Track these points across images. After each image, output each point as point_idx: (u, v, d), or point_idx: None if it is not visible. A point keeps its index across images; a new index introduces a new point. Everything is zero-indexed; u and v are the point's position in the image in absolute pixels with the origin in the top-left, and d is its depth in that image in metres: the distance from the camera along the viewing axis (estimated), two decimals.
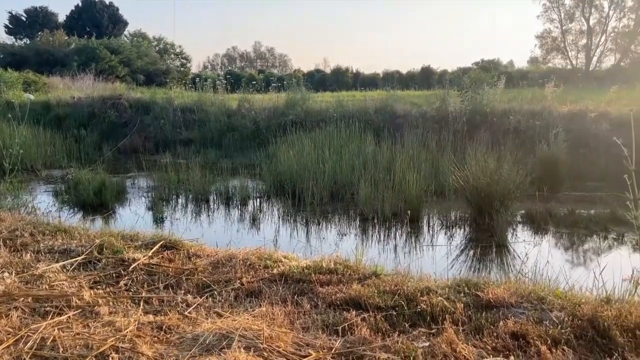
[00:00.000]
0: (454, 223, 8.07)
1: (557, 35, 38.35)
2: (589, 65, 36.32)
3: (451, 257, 6.59)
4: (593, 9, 36.83)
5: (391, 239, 7.32)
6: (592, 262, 6.15)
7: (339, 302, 3.08)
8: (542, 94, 14.02)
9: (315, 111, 14.70)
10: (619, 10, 36.52)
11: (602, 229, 7.34)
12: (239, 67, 61.68)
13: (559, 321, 2.76)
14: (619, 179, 4.00)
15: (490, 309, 2.99)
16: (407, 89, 23.44)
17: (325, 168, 9.37)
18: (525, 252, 6.52)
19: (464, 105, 13.16)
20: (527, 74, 26.80)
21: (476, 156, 8.40)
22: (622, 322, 2.68)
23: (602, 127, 11.22)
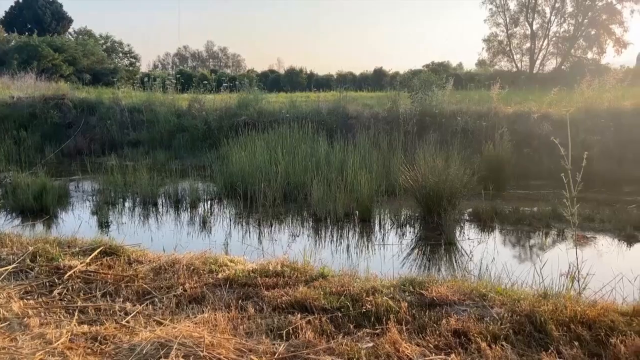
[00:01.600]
0: (404, 222, 8.18)
1: (503, 39, 39.77)
2: (532, 68, 37.85)
3: (402, 255, 6.67)
4: (536, 14, 38.43)
5: (344, 239, 7.34)
6: (534, 259, 6.37)
7: (284, 306, 3.03)
8: (488, 95, 14.45)
9: (269, 112, 14.59)
10: (559, 15, 38.27)
11: (545, 225, 7.61)
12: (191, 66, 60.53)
13: (499, 317, 2.82)
14: (560, 177, 4.16)
15: (434, 307, 3.03)
16: (360, 91, 23.65)
17: (278, 169, 9.30)
18: (472, 250, 6.69)
19: (414, 107, 13.40)
20: (475, 76, 27.62)
21: (425, 156, 8.55)
22: (557, 317, 2.77)
23: (544, 128, 11.69)
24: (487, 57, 40.85)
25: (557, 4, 37.72)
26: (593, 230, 7.37)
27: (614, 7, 36.75)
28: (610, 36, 37.32)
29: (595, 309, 2.82)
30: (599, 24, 37.11)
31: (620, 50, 37.31)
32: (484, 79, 21.72)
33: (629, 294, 3.86)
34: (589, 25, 37.35)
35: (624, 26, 36.93)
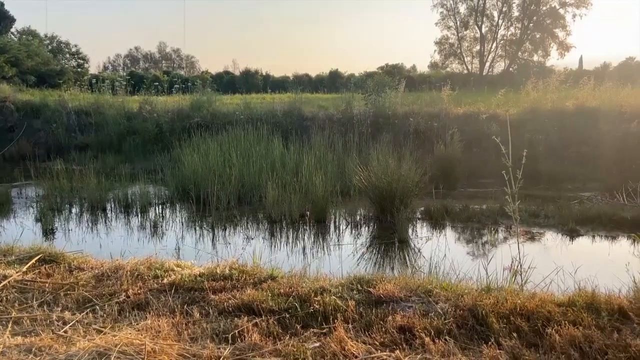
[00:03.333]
0: (359, 222, 8.26)
1: (454, 41, 40.88)
2: (482, 70, 39.07)
3: (357, 255, 6.72)
4: (485, 18, 39.71)
5: (299, 241, 7.34)
6: (481, 254, 6.56)
7: (231, 309, 2.99)
8: (439, 97, 14.81)
9: (223, 114, 14.42)
10: (507, 19, 39.68)
11: (493, 222, 7.85)
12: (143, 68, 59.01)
13: (443, 312, 2.88)
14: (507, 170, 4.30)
15: (381, 304, 3.06)
16: (316, 92, 23.74)
17: (232, 171, 9.19)
18: (423, 247, 6.83)
19: (368, 108, 13.57)
20: (427, 78, 28.25)
21: (378, 157, 8.67)
22: (498, 309, 2.85)
23: (492, 128, 12.07)
24: (439, 59, 41.90)
25: (505, 8, 39.12)
26: (538, 225, 7.66)
27: (558, 12, 38.43)
28: (554, 39, 39.00)
29: (534, 301, 2.92)
30: (543, 28, 38.71)
31: (564, 53, 39.07)
32: (436, 81, 22.24)
33: (568, 286, 4.02)
34: (534, 29, 38.89)
35: (567, 30, 38.69)
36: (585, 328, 2.62)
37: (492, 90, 16.95)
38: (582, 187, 10.24)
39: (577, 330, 2.59)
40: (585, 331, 2.58)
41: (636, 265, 4.22)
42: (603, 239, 7.12)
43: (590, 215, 7.73)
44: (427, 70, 40.56)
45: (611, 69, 31.95)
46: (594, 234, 7.27)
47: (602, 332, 2.60)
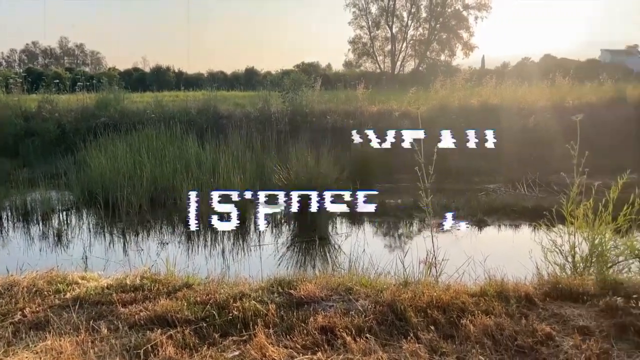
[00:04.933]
0: (279, 221, 8.18)
1: (367, 41, 41.99)
2: (394, 69, 40.50)
3: (278, 255, 6.66)
4: (395, 18, 41.17)
5: (218, 243, 7.13)
6: (398, 248, 6.75)
7: (143, 322, 2.80)
8: (354, 95, 15.09)
9: (132, 112, 13.69)
10: (415, 20, 41.42)
11: (408, 215, 8.12)
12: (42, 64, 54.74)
13: (364, 309, 2.89)
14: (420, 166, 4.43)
15: (302, 306, 3.01)
16: (232, 90, 23.30)
17: (144, 173, 8.73)
18: (343, 243, 6.91)
19: (285, 106, 13.52)
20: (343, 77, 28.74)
21: (297, 155, 8.65)
22: (416, 303, 2.91)
23: (404, 124, 12.49)
24: (353, 58, 42.80)
25: (413, 9, 40.78)
26: None
27: (461, 14, 40.73)
28: (459, 40, 41.30)
29: (449, 293, 3.02)
30: (449, 29, 40.84)
31: (468, 53, 41.50)
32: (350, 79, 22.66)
33: (479, 275, 4.22)
34: (441, 29, 40.93)
35: (470, 31, 41.12)
36: (496, 316, 2.75)
37: (404, 89, 17.57)
38: (487, 179, 10.88)
39: (490, 319, 2.70)
40: (497, 319, 2.70)
41: (538, 252, 4.51)
42: (508, 228, 7.61)
43: (495, 206, 8.24)
44: (342, 69, 41.33)
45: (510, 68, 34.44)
46: (500, 224, 7.75)
47: (511, 319, 2.73)
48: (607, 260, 4.13)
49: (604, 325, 2.68)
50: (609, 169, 10.25)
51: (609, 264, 4.10)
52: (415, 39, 41.67)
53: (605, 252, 4.16)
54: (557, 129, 11.13)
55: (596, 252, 4.18)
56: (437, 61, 40.60)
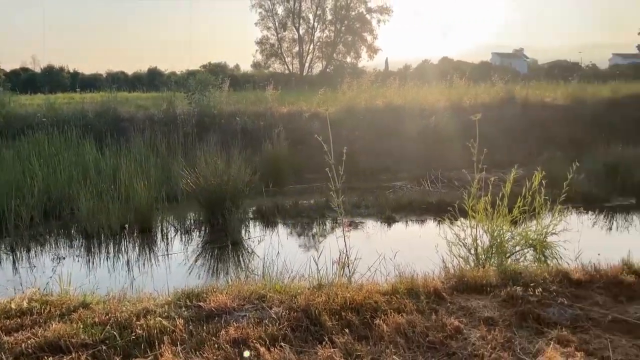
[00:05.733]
0: (189, 228, 7.87)
1: (274, 42, 41.97)
2: (302, 70, 40.86)
3: (188, 263, 6.38)
4: (302, 20, 41.56)
5: (122, 255, 6.70)
6: (312, 249, 6.74)
7: (31, 350, 2.50)
8: (264, 96, 14.97)
9: (20, 116, 12.51)
10: (321, 22, 42.10)
11: (321, 215, 8.16)
12: None
13: (277, 317, 2.80)
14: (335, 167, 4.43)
15: (213, 318, 2.87)
16: (134, 91, 22.15)
17: (35, 182, 7.98)
18: (257, 248, 6.77)
19: (192, 108, 13.07)
20: (251, 78, 28.46)
21: (206, 158, 8.37)
22: (330, 306, 2.88)
23: (315, 125, 12.59)
24: (261, 59, 42.58)
25: (319, 12, 41.40)
26: (361, 215, 8.19)
27: (365, 17, 42.03)
28: (364, 43, 42.59)
29: (362, 293, 3.02)
30: (354, 31, 41.98)
31: (373, 55, 42.96)
32: (259, 80, 22.49)
33: (390, 271, 4.30)
34: (346, 32, 41.94)
35: (374, 34, 42.58)
36: (408, 314, 2.79)
37: (313, 90, 17.74)
38: (394, 177, 11.27)
39: (402, 317, 2.74)
40: (408, 317, 2.74)
41: (444, 247, 4.70)
42: (415, 223, 7.91)
43: (403, 202, 8.53)
44: (250, 70, 40.95)
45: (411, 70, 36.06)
46: (407, 219, 8.03)
47: (422, 316, 2.79)
48: (506, 250, 4.40)
49: (506, 315, 2.82)
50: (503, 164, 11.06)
51: (507, 254, 4.37)
52: (322, 40, 42.37)
53: (504, 243, 4.44)
54: (456, 128, 11.80)
55: (495, 243, 4.44)
56: (344, 63, 41.59)
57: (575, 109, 14.37)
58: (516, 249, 4.50)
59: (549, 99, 15.00)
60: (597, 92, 15.87)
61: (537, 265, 4.10)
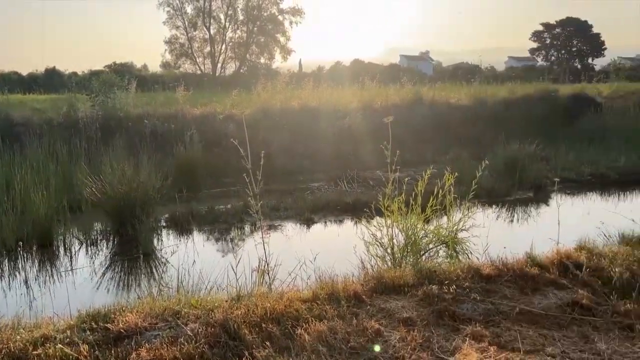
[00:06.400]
0: (95, 240, 7.35)
1: (184, 41, 40.65)
2: (215, 71, 39.96)
3: (95, 278, 5.94)
4: (212, 20, 40.61)
5: (19, 273, 6.10)
6: (231, 257, 6.54)
7: None
8: (175, 97, 14.43)
9: None
10: (233, 22, 41.42)
11: (239, 220, 7.97)
12: None
13: (194, 334, 2.65)
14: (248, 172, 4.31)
15: (122, 341, 2.65)
16: (29, 93, 20.41)
17: None
18: (171, 258, 6.46)
19: (96, 110, 12.27)
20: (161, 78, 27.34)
21: (112, 164, 7.87)
22: (250, 318, 2.78)
23: (230, 127, 12.33)
24: (170, 59, 41.08)
25: (230, 12, 40.72)
26: (280, 218, 8.11)
27: (277, 18, 41.96)
28: (277, 44, 42.50)
29: (283, 302, 2.95)
30: (267, 32, 41.77)
31: (286, 57, 42.98)
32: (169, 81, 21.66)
33: (310, 275, 4.27)
34: (258, 33, 41.62)
35: (287, 35, 42.62)
36: (329, 320, 2.76)
37: (226, 91, 17.38)
38: (311, 178, 11.31)
39: (323, 324, 2.70)
40: (330, 323, 2.71)
41: (362, 247, 4.76)
42: (333, 224, 7.98)
43: (320, 203, 8.58)
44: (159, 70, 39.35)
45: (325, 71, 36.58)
46: (326, 220, 8.08)
47: (343, 321, 2.77)
48: (420, 248, 4.54)
49: (424, 314, 2.88)
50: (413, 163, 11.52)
51: (422, 252, 4.50)
52: (235, 41, 41.71)
53: (418, 241, 4.57)
54: (369, 128, 12.10)
55: (410, 242, 4.57)
56: (258, 64, 41.24)
57: (477, 109, 15.30)
58: (430, 246, 4.66)
59: (453, 100, 15.83)
60: (496, 93, 17.01)
61: (450, 261, 4.26)
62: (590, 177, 10.61)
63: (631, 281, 3.46)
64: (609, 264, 3.65)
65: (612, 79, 21.93)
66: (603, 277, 3.52)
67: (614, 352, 2.61)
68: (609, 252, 3.96)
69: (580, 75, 26.56)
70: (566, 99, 16.23)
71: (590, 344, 2.70)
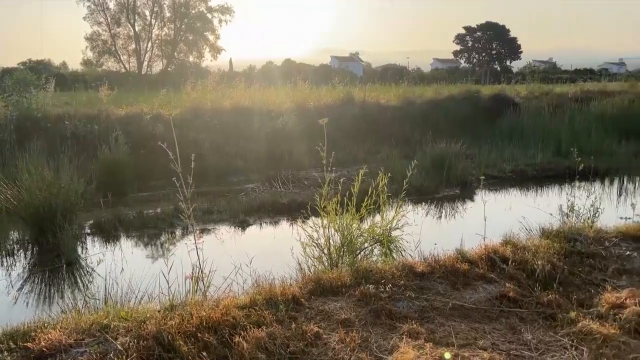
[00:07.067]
0: (11, 250, 6.83)
1: (107, 38, 38.81)
2: (141, 69, 38.47)
3: (11, 293, 5.49)
4: (137, 16, 39.07)
5: None
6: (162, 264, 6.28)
7: None
8: (97, 97, 13.72)
9: None
10: (159, 19, 40.08)
11: (169, 225, 7.69)
12: None
13: (125, 348, 2.50)
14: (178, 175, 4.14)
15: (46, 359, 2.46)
16: None
17: None
18: (97, 267, 6.12)
19: (9, 111, 11.41)
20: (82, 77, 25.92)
21: (29, 168, 7.34)
22: (185, 329, 2.67)
23: (158, 128, 11.89)
24: (92, 56, 39.09)
25: (156, 8, 39.38)
26: (213, 221, 7.91)
27: (206, 16, 41.09)
28: (206, 42, 41.63)
29: (219, 310, 2.86)
30: (195, 30, 40.78)
31: (216, 55, 42.24)
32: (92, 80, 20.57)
33: (246, 279, 4.18)
34: (187, 30, 40.54)
35: (216, 34, 41.85)
36: (267, 326, 2.71)
37: (153, 90, 16.78)
38: (245, 179, 11.15)
39: (261, 330, 2.64)
40: (268, 329, 2.66)
41: (298, 248, 4.74)
42: (269, 226, 7.90)
43: (255, 205, 8.46)
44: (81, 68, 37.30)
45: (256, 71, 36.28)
46: (261, 222, 7.99)
47: (282, 326, 2.73)
48: (356, 248, 4.59)
49: (362, 314, 2.90)
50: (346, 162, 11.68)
51: (357, 252, 4.55)
52: (161, 38, 40.36)
53: (354, 241, 4.62)
54: (302, 128, 12.12)
55: (346, 241, 4.61)
56: (186, 62, 40.17)
57: (405, 109, 15.77)
58: (365, 245, 4.72)
59: (383, 101, 16.21)
60: (423, 94, 17.62)
61: (385, 260, 4.34)
62: (511, 173, 11.24)
63: (552, 273, 3.68)
64: (532, 257, 3.86)
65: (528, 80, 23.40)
66: (527, 269, 3.72)
67: (539, 342, 2.77)
68: (532, 245, 4.19)
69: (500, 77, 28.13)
70: (488, 99, 17.09)
71: (517, 334, 2.84)
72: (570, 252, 4.14)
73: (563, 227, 4.89)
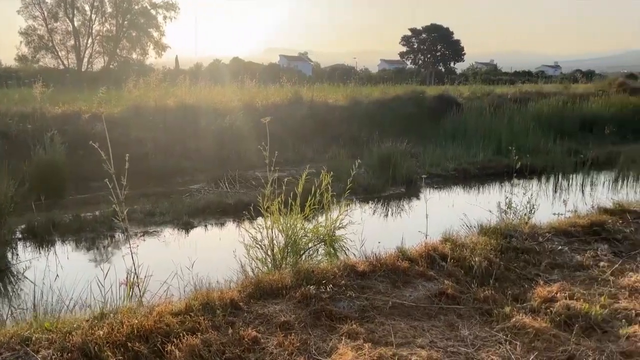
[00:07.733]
0: None
1: (44, 33, 36.90)
2: (80, 66, 36.83)
3: None
4: (76, 11, 37.36)
5: None
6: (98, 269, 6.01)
7: None
8: (32, 94, 12.98)
9: None
10: (100, 14, 38.49)
11: (108, 228, 7.37)
12: None
13: None
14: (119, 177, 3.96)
15: None
16: None
17: None
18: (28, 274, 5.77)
19: None
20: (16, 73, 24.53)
21: None
22: (114, 339, 2.53)
23: (97, 127, 11.38)
24: (28, 52, 37.06)
25: (97, 3, 37.82)
26: (155, 224, 7.65)
27: (150, 12, 39.85)
28: (150, 39, 40.37)
29: (152, 317, 2.73)
30: (138, 26, 39.45)
31: (161, 53, 41.02)
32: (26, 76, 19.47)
33: (187, 284, 4.05)
34: (129, 27, 39.17)
35: (161, 30, 40.66)
36: (203, 333, 2.61)
37: (93, 88, 16.09)
38: (191, 180, 10.87)
39: (196, 337, 2.55)
40: (204, 336, 2.56)
41: (241, 250, 4.64)
42: (214, 227, 7.73)
43: (200, 206, 8.26)
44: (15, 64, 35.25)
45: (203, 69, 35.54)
46: (206, 224, 7.80)
47: (218, 332, 2.64)
48: (300, 248, 4.54)
49: (301, 316, 2.86)
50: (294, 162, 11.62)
51: (301, 252, 4.51)
52: (102, 34, 38.79)
53: (298, 241, 4.57)
54: (250, 128, 11.95)
55: (290, 242, 4.55)
56: (129, 59, 38.80)
57: (353, 109, 15.89)
58: (309, 245, 4.68)
59: (331, 100, 16.26)
60: (370, 94, 17.82)
61: (328, 260, 4.32)
62: (454, 172, 11.54)
63: (489, 269, 3.78)
64: (470, 254, 3.95)
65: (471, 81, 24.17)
66: (465, 266, 3.80)
67: (476, 337, 2.82)
68: (470, 242, 4.29)
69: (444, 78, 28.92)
70: (432, 99, 17.51)
71: (455, 331, 2.89)
72: (506, 248, 4.26)
73: (500, 224, 5.04)
